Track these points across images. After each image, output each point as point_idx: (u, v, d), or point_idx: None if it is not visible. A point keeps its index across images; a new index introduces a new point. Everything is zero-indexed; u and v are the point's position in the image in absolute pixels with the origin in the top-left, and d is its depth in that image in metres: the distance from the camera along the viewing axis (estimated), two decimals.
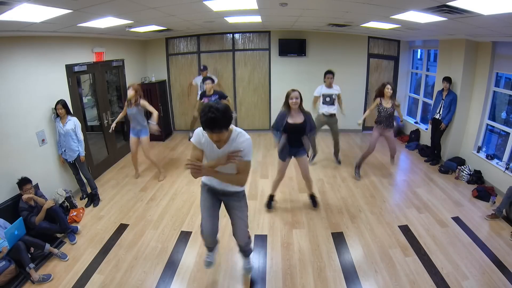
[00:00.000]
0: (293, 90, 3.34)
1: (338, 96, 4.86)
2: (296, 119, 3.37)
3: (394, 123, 4.38)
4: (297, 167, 5.18)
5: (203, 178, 2.36)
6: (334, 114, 4.93)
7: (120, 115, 4.61)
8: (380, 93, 4.30)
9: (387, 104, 4.26)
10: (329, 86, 4.82)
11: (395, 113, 4.34)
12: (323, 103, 4.90)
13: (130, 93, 4.26)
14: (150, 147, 4.61)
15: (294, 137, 3.43)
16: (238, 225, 2.40)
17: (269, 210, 3.85)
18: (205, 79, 4.91)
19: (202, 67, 6.25)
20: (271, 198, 3.92)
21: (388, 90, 4.20)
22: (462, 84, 4.79)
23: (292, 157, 3.60)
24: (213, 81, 4.85)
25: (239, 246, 2.61)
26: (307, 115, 3.39)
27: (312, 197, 3.93)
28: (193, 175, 1.90)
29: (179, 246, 3.20)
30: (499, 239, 3.20)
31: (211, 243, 2.54)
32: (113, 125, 4.54)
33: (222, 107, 1.79)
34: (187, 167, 1.85)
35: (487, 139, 4.75)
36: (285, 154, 3.53)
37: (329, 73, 4.80)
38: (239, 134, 2.03)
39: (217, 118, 1.74)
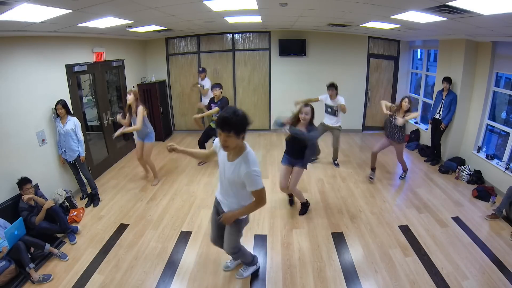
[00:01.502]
0: (306, 105, 3.28)
1: (341, 106, 4.80)
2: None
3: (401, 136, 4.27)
4: None
5: (216, 194, 2.43)
6: (337, 125, 4.97)
7: (126, 123, 4.27)
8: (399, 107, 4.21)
9: (398, 115, 4.16)
10: (332, 98, 4.85)
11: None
12: (325, 112, 5.01)
13: (130, 98, 4.16)
14: (150, 153, 4.51)
15: (295, 148, 3.40)
16: (224, 239, 2.45)
17: (266, 207, 3.85)
18: (213, 86, 4.91)
19: (200, 69, 6.22)
20: (289, 196, 4.00)
21: (405, 103, 4.10)
22: (462, 84, 4.79)
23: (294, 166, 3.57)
24: (220, 87, 4.85)
25: None
26: (311, 129, 3.27)
27: (303, 205, 3.80)
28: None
29: (179, 246, 3.20)
30: (499, 239, 3.20)
31: (221, 248, 2.64)
32: (118, 133, 4.21)
33: (243, 114, 1.86)
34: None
35: (487, 139, 4.75)
36: (285, 160, 3.56)
37: (330, 86, 4.81)
38: (248, 159, 1.98)
39: (230, 119, 1.80)
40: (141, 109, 4.13)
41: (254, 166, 1.97)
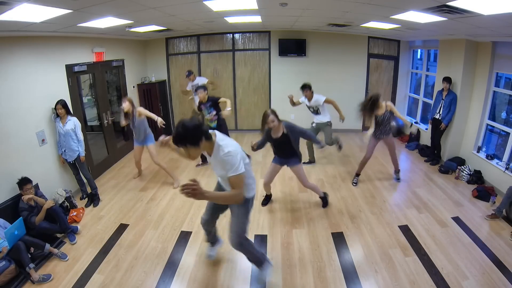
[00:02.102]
0: (270, 113, 3.21)
1: (332, 103, 4.83)
2: (276, 134, 3.38)
3: (393, 124, 4.24)
4: None
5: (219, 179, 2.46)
6: (324, 122, 4.94)
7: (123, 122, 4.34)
8: (371, 109, 4.04)
9: (380, 111, 4.08)
10: (309, 99, 4.86)
11: (392, 119, 4.17)
12: (311, 112, 5.04)
13: (126, 105, 4.14)
14: (157, 154, 4.47)
15: (280, 149, 3.55)
16: (229, 228, 2.45)
17: (266, 207, 3.94)
18: (197, 89, 4.90)
19: (187, 73, 6.07)
20: (266, 197, 4.04)
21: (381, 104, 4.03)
22: (462, 84, 4.79)
23: (286, 166, 3.66)
24: (205, 89, 4.84)
25: None
26: (287, 128, 3.32)
27: (322, 199, 3.93)
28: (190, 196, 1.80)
29: (179, 246, 3.20)
30: (499, 239, 3.20)
31: (206, 233, 2.83)
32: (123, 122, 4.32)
33: (192, 125, 1.86)
34: (183, 191, 1.74)
35: (487, 139, 4.75)
36: (275, 160, 3.68)
37: (303, 87, 4.80)
38: (219, 148, 2.01)
39: (180, 135, 1.85)
40: (141, 108, 4.26)
41: (227, 148, 1.97)
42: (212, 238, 2.91)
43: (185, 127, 1.84)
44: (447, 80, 4.88)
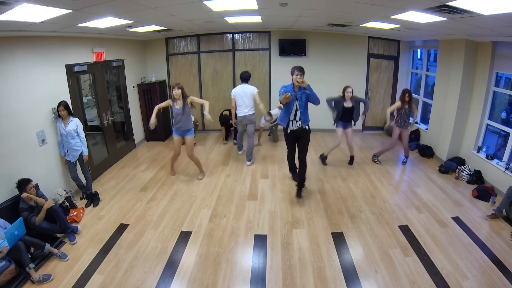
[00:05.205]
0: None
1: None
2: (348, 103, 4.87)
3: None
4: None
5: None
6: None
7: (160, 106, 4.48)
8: (401, 99, 4.97)
9: (404, 106, 4.92)
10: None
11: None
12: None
13: (177, 92, 4.26)
14: (193, 147, 4.64)
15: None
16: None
17: (266, 207, 3.88)
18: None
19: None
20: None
21: (406, 97, 4.89)
22: (462, 84, 4.78)
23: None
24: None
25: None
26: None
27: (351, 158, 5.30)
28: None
29: (179, 246, 3.20)
30: (499, 239, 3.20)
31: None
32: (153, 120, 4.32)
33: (244, 73, 4.47)
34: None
35: (487, 139, 4.75)
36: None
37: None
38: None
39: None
40: (193, 97, 4.41)
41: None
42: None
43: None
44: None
